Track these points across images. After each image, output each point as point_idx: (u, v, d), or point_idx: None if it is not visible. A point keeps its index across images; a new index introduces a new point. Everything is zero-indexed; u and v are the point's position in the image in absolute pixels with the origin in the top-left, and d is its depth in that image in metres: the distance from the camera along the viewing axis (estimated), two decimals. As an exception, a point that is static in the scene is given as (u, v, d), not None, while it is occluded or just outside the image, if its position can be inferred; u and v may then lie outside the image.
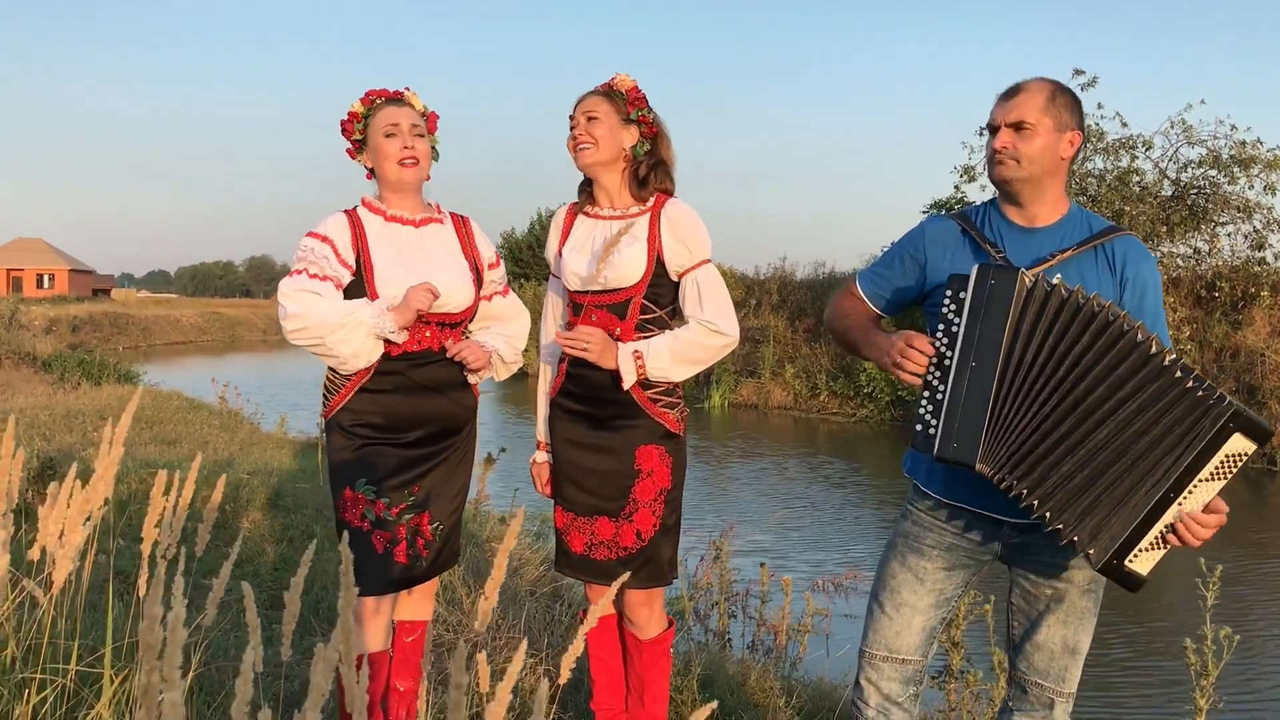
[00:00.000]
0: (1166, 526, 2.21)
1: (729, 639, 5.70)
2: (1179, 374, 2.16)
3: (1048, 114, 2.41)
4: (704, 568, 6.29)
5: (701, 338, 2.92)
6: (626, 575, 2.15)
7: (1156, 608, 7.82)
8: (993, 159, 2.47)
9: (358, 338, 2.76)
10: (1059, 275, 2.32)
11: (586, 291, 2.94)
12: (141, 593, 2.30)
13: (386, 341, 2.81)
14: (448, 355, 2.87)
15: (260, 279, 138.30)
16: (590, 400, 2.96)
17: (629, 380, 2.87)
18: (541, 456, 3.16)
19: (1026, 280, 2.27)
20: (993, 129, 2.48)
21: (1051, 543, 2.41)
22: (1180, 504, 2.19)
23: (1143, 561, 2.24)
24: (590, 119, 2.91)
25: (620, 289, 2.91)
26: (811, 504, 11.83)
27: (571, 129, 2.96)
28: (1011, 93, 2.46)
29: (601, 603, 1.67)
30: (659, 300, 2.95)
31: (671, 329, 2.97)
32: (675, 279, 2.96)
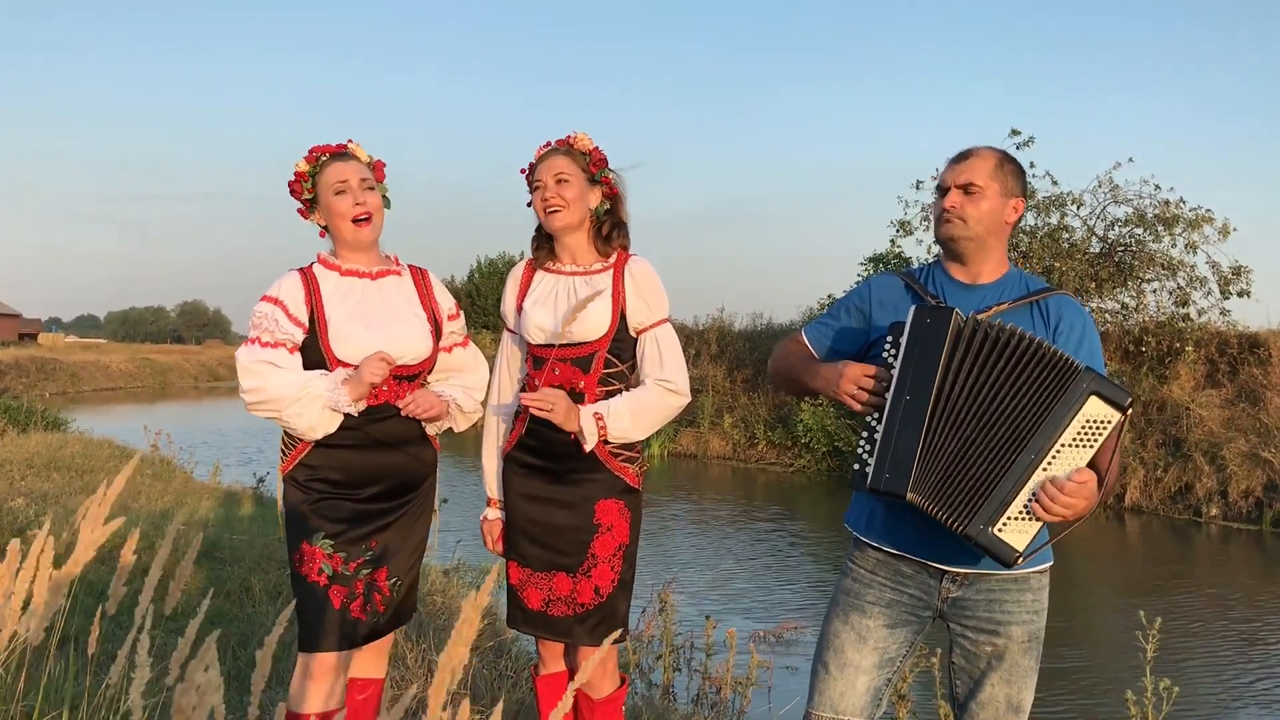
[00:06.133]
0: (1031, 495, 2.25)
1: (673, 693, 5.67)
2: (1054, 356, 2.27)
3: (995, 179, 2.52)
4: (644, 620, 6.27)
5: (659, 398, 2.95)
6: (615, 635, 2.01)
7: (1088, 660, 7.93)
8: (940, 218, 2.56)
9: (313, 411, 2.76)
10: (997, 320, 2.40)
11: (551, 345, 2.95)
12: (92, 649, 2.26)
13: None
14: (401, 413, 2.86)
15: (192, 324, 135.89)
16: (549, 454, 2.97)
17: (590, 442, 2.89)
18: (492, 514, 3.12)
19: (959, 319, 2.35)
20: (943, 190, 2.57)
21: (987, 597, 2.48)
22: (1045, 469, 2.25)
23: (1013, 532, 2.26)
24: (560, 181, 2.93)
25: (585, 343, 2.93)
26: (750, 555, 11.85)
27: (537, 189, 2.97)
28: (962, 157, 2.56)
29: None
30: (620, 355, 2.97)
31: (631, 384, 3.01)
32: (634, 335, 2.99)
